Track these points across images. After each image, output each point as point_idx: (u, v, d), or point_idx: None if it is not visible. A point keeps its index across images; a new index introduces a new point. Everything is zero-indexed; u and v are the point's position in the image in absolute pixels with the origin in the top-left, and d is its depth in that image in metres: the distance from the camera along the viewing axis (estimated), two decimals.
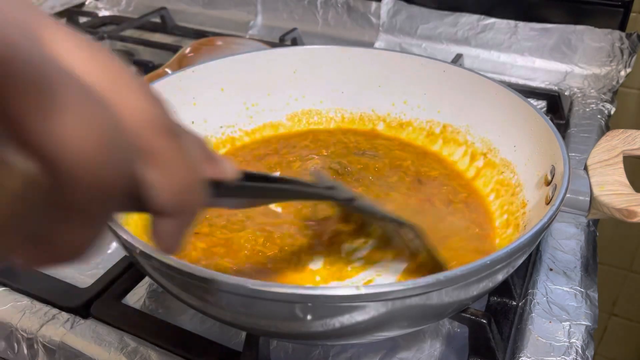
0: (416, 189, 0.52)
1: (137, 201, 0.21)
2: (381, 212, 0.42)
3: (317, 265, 0.43)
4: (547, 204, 0.41)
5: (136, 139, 0.19)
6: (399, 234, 0.42)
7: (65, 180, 0.16)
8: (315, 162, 0.56)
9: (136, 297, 0.48)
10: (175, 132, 0.21)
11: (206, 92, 0.57)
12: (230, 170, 0.26)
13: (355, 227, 0.46)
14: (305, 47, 0.65)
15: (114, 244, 0.53)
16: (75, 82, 0.17)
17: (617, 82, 0.81)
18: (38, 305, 0.46)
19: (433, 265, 0.42)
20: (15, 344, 0.45)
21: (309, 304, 0.30)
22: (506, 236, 0.47)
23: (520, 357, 0.41)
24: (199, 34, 0.96)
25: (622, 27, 0.82)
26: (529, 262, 0.50)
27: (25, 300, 0.46)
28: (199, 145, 0.24)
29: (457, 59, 0.82)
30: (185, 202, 0.22)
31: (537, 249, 0.52)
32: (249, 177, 0.28)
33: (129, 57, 0.91)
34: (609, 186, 0.42)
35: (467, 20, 0.88)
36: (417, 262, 0.43)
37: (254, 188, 0.30)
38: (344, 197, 0.38)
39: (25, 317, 0.45)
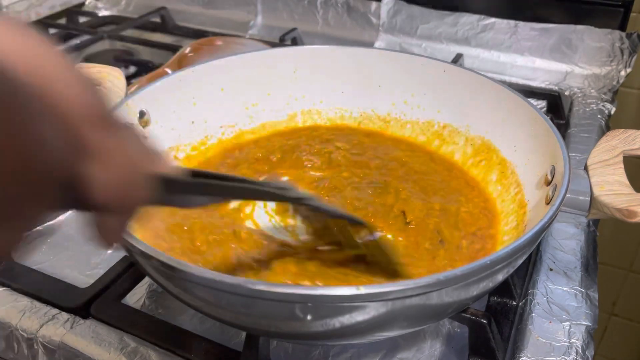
0: (416, 189, 0.52)
1: (75, 197, 0.19)
2: (336, 210, 0.42)
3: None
4: (547, 204, 0.41)
5: (72, 131, 0.18)
6: (351, 232, 0.42)
7: None
8: (315, 161, 0.56)
9: (136, 297, 0.48)
10: (113, 124, 0.20)
11: (206, 92, 0.57)
12: (172, 166, 0.24)
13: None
14: (305, 47, 0.65)
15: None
16: None
17: (618, 82, 0.81)
18: (38, 305, 0.46)
19: (383, 268, 0.42)
20: (15, 344, 0.45)
21: (309, 304, 0.30)
22: (506, 236, 0.47)
23: (520, 357, 0.41)
24: (199, 34, 0.96)
25: (622, 27, 0.82)
26: (529, 262, 0.50)
27: (25, 300, 0.46)
28: (138, 140, 0.22)
29: (457, 59, 0.82)
30: (126, 197, 0.20)
31: (537, 249, 0.52)
32: (196, 174, 0.27)
33: (129, 57, 0.91)
34: (609, 186, 0.42)
35: (467, 20, 0.88)
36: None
37: (202, 184, 0.29)
38: (295, 197, 0.38)
39: (25, 317, 0.45)
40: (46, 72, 0.18)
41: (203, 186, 0.29)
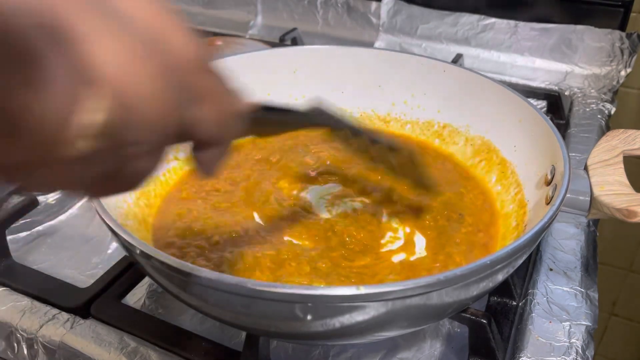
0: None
1: (185, 134, 0.22)
2: (379, 135, 0.44)
3: None
4: (547, 204, 0.41)
5: (186, 77, 0.20)
6: (391, 158, 0.45)
7: (132, 118, 0.18)
8: (315, 161, 0.56)
9: (136, 297, 0.48)
10: (215, 70, 0.23)
11: None
12: (250, 103, 0.27)
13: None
14: (305, 47, 0.65)
15: (114, 244, 0.53)
16: (133, 25, 0.18)
17: (618, 82, 0.81)
18: (38, 305, 0.46)
19: (422, 185, 0.46)
20: (15, 344, 0.45)
21: (309, 304, 0.30)
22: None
23: (520, 357, 0.41)
24: (198, 34, 0.96)
25: (622, 27, 0.82)
26: (529, 262, 0.50)
27: (25, 300, 0.46)
28: (229, 82, 0.25)
29: (457, 59, 0.82)
30: (227, 132, 0.24)
31: (537, 249, 0.52)
32: (267, 108, 0.31)
33: None
34: (609, 186, 0.42)
35: (467, 20, 0.88)
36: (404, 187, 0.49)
37: (270, 118, 0.34)
38: (349, 125, 0.42)
39: (25, 317, 0.45)
40: (166, 28, 0.20)
41: (270, 119, 0.35)
